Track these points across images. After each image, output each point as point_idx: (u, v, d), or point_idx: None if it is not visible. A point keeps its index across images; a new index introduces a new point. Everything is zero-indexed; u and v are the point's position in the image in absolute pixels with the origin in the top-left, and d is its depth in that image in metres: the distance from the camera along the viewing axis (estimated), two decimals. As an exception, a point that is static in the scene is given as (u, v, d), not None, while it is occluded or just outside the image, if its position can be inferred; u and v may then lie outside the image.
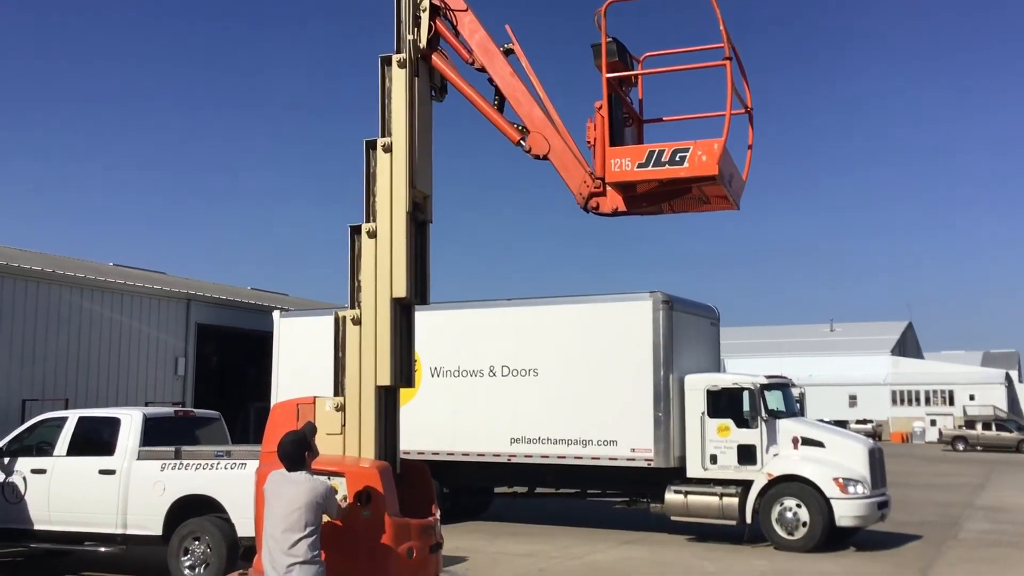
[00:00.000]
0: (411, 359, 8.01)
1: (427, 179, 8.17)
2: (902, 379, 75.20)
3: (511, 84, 7.93)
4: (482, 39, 8.05)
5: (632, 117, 8.15)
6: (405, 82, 7.93)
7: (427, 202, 8.18)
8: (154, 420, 12.74)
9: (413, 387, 8.07)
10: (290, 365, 19.28)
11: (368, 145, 7.98)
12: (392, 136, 7.89)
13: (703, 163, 7.05)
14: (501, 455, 17.17)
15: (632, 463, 16.10)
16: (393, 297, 7.68)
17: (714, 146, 7.07)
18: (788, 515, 15.18)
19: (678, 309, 16.62)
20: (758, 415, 15.66)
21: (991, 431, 52.39)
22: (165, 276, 29.05)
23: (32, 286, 20.84)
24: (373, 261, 7.77)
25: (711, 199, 7.76)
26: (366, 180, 7.95)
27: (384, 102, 8.01)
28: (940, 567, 13.69)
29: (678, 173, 7.16)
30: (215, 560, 11.34)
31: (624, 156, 7.38)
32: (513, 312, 17.67)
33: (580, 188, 7.61)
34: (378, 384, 7.59)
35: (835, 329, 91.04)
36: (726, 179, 7.29)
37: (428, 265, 8.15)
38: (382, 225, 7.77)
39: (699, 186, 7.43)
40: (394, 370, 7.66)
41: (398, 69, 7.96)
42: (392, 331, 7.66)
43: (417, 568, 7.31)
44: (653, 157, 7.24)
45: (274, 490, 6.66)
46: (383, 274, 7.71)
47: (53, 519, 12.31)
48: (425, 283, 8.08)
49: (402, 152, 7.83)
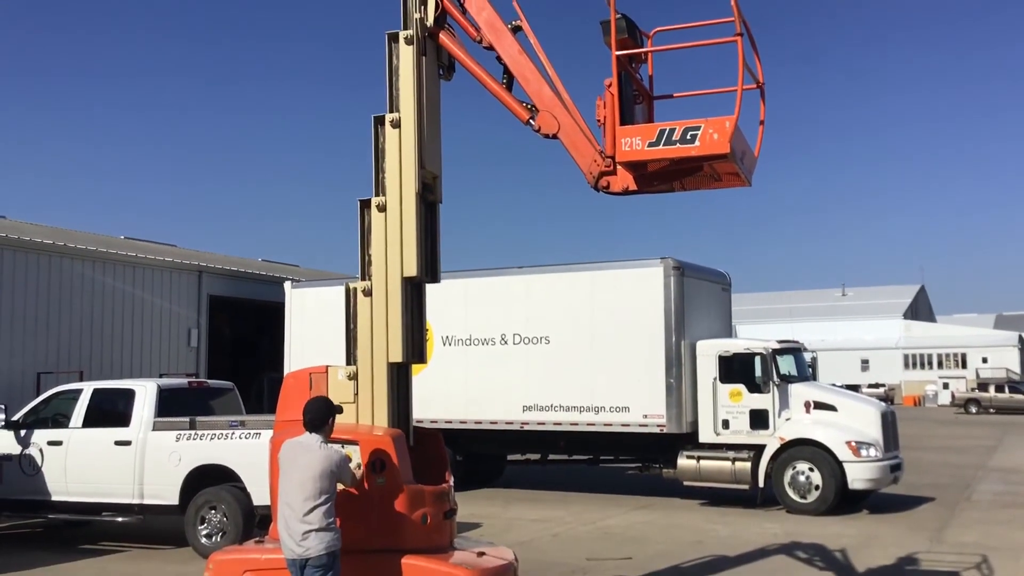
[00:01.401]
0: (423, 335, 8.01)
1: (436, 159, 8.12)
2: (914, 343, 75.09)
3: (519, 62, 7.81)
4: (490, 16, 7.92)
5: (642, 94, 8.03)
6: (413, 58, 7.85)
7: (436, 182, 8.13)
8: (168, 391, 12.83)
9: (425, 363, 8.07)
10: (302, 335, 19.34)
11: (376, 121, 7.93)
12: (400, 112, 7.83)
13: (715, 141, 6.94)
14: (514, 423, 17.22)
15: (644, 429, 16.13)
16: (404, 276, 7.68)
17: (726, 124, 6.94)
18: (800, 479, 15.22)
19: (689, 275, 16.58)
20: (770, 380, 15.66)
21: (1004, 393, 52.31)
22: (176, 248, 29.10)
23: (44, 259, 20.92)
24: (384, 235, 7.74)
25: (723, 176, 7.66)
26: (375, 156, 7.91)
27: (392, 79, 7.93)
28: (954, 529, 13.72)
29: (689, 152, 7.05)
30: (231, 528, 11.45)
31: (634, 135, 7.27)
32: (524, 280, 17.65)
33: (590, 167, 7.52)
34: (390, 361, 7.62)
35: (847, 293, 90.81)
36: (738, 157, 7.18)
37: (438, 244, 8.13)
38: (392, 203, 7.74)
39: (710, 164, 7.33)
40: (406, 347, 7.67)
41: (405, 46, 7.88)
42: (403, 308, 7.66)
43: (431, 534, 7.35)
44: (664, 136, 7.12)
45: (289, 458, 6.70)
46: (393, 250, 7.68)
47: (70, 490, 12.44)
48: (435, 262, 8.07)
49: (411, 128, 7.76)
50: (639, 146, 7.23)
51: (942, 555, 11.69)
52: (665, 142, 7.13)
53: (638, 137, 7.26)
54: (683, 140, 7.05)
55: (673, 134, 7.09)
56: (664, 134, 7.14)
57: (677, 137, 7.07)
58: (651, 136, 7.21)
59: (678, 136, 7.07)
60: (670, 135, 7.11)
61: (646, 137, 7.24)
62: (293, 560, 6.49)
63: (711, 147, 6.97)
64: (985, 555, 11.37)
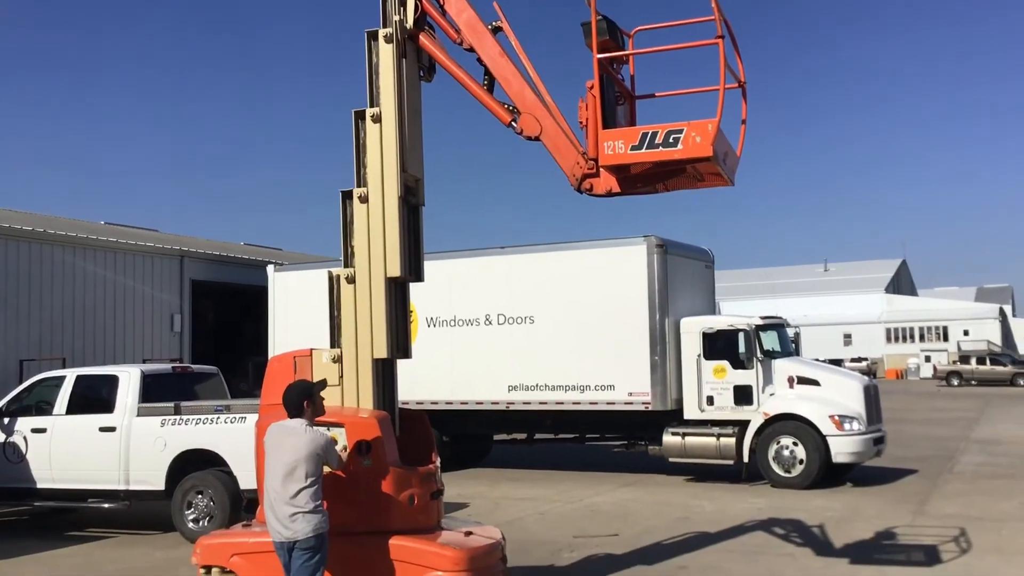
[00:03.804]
0: (407, 331, 8.02)
1: (418, 163, 8.08)
2: (896, 316, 75.62)
3: (500, 64, 7.75)
4: (469, 18, 7.86)
5: (624, 94, 8.01)
6: (392, 56, 7.80)
7: (419, 185, 8.10)
8: (152, 377, 12.78)
9: (410, 357, 8.06)
10: (286, 319, 19.28)
11: (357, 116, 7.88)
12: (381, 107, 7.77)
13: (697, 145, 6.94)
14: (499, 403, 17.25)
15: (630, 407, 16.19)
16: (388, 277, 7.66)
17: (708, 127, 6.94)
18: (785, 453, 15.32)
19: (672, 252, 16.60)
20: (753, 356, 15.74)
21: (985, 365, 52.84)
22: (157, 233, 28.94)
23: (24, 246, 20.76)
24: (366, 228, 7.72)
25: (705, 176, 7.65)
26: (356, 151, 7.87)
27: (372, 77, 7.88)
28: (936, 500, 13.86)
29: (672, 155, 7.05)
30: (218, 513, 11.45)
31: (617, 139, 7.27)
32: (507, 260, 17.64)
33: (573, 170, 7.49)
34: (375, 357, 7.61)
35: (829, 269, 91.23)
36: (720, 158, 7.18)
37: (422, 245, 8.12)
38: (374, 198, 7.72)
39: (693, 165, 7.32)
40: (391, 343, 7.67)
41: (385, 44, 7.82)
42: (388, 305, 7.66)
43: (419, 515, 7.38)
44: (647, 139, 7.12)
45: (274, 442, 6.70)
46: (376, 246, 7.67)
47: (55, 477, 12.40)
48: (419, 261, 8.06)
49: (392, 123, 7.72)
50: (622, 150, 7.21)
51: (924, 528, 11.81)
52: (648, 145, 7.12)
53: (621, 141, 7.26)
54: (666, 143, 7.04)
55: (656, 137, 7.08)
56: (647, 137, 7.13)
57: (660, 140, 7.06)
58: (634, 139, 7.20)
59: (660, 139, 7.06)
60: (652, 138, 7.10)
61: (629, 141, 7.22)
62: (281, 543, 6.51)
63: (694, 150, 6.97)
64: (964, 528, 11.48)
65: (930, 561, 10.04)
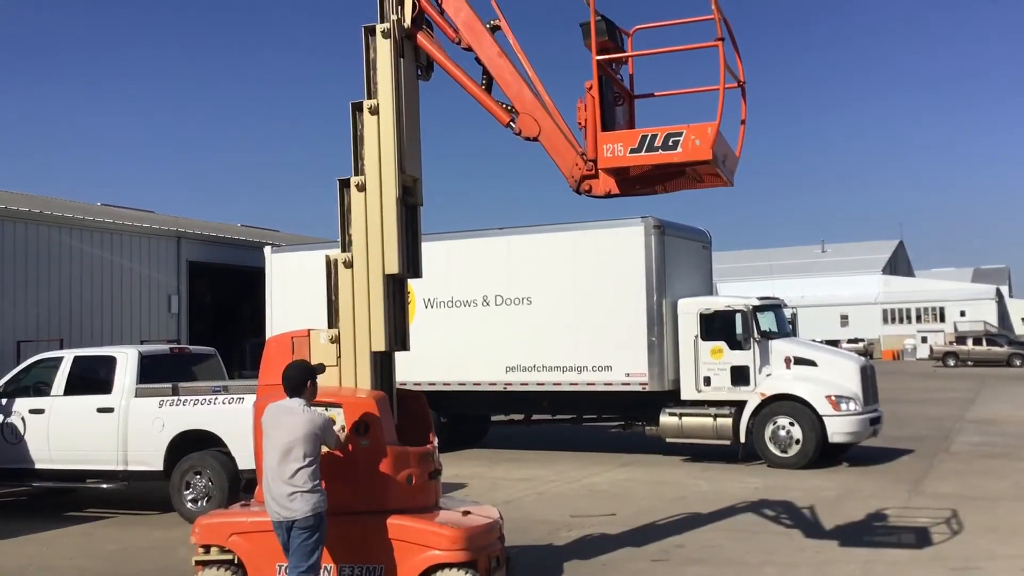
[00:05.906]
0: (405, 322, 8.02)
1: (416, 163, 8.05)
2: (893, 297, 75.68)
3: (498, 64, 7.70)
4: (467, 17, 7.81)
5: (623, 94, 7.95)
6: (390, 51, 7.74)
7: (417, 185, 8.08)
8: (150, 358, 12.78)
9: (408, 349, 8.06)
10: (283, 300, 19.27)
11: (354, 108, 7.84)
12: (379, 100, 7.72)
13: (697, 148, 6.90)
14: (497, 383, 17.27)
15: (627, 387, 16.22)
16: (386, 274, 7.65)
17: (708, 130, 6.90)
18: (781, 433, 15.37)
19: (670, 233, 16.60)
20: (751, 336, 15.76)
21: (981, 346, 52.90)
22: (154, 215, 28.91)
23: (21, 227, 20.74)
24: (364, 217, 7.70)
25: (704, 178, 7.62)
26: (353, 143, 7.84)
27: (369, 73, 7.83)
28: (932, 480, 13.92)
29: (672, 159, 7.02)
30: (217, 493, 11.49)
31: (616, 141, 7.23)
32: (506, 241, 17.61)
33: (572, 171, 7.45)
34: (373, 350, 7.61)
35: (826, 250, 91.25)
36: (720, 160, 7.14)
37: (419, 242, 8.11)
38: (371, 188, 7.69)
39: (693, 168, 7.29)
40: (389, 337, 7.67)
41: (382, 39, 7.77)
42: (385, 301, 7.65)
43: (417, 494, 7.41)
44: (646, 142, 7.08)
45: (272, 422, 6.72)
46: (374, 240, 7.65)
47: (54, 458, 12.41)
48: (417, 258, 8.05)
49: (389, 116, 7.68)
50: (621, 152, 7.18)
51: (919, 508, 11.86)
52: (647, 148, 7.08)
53: (620, 143, 7.22)
54: (665, 146, 7.00)
55: (655, 140, 7.04)
56: (646, 140, 7.09)
57: (659, 143, 7.02)
58: (633, 142, 7.16)
59: (660, 142, 7.02)
60: (652, 141, 7.05)
61: (628, 143, 7.18)
62: (279, 522, 6.54)
63: (693, 153, 6.93)
64: (959, 507, 11.53)
65: (925, 540, 10.09)
